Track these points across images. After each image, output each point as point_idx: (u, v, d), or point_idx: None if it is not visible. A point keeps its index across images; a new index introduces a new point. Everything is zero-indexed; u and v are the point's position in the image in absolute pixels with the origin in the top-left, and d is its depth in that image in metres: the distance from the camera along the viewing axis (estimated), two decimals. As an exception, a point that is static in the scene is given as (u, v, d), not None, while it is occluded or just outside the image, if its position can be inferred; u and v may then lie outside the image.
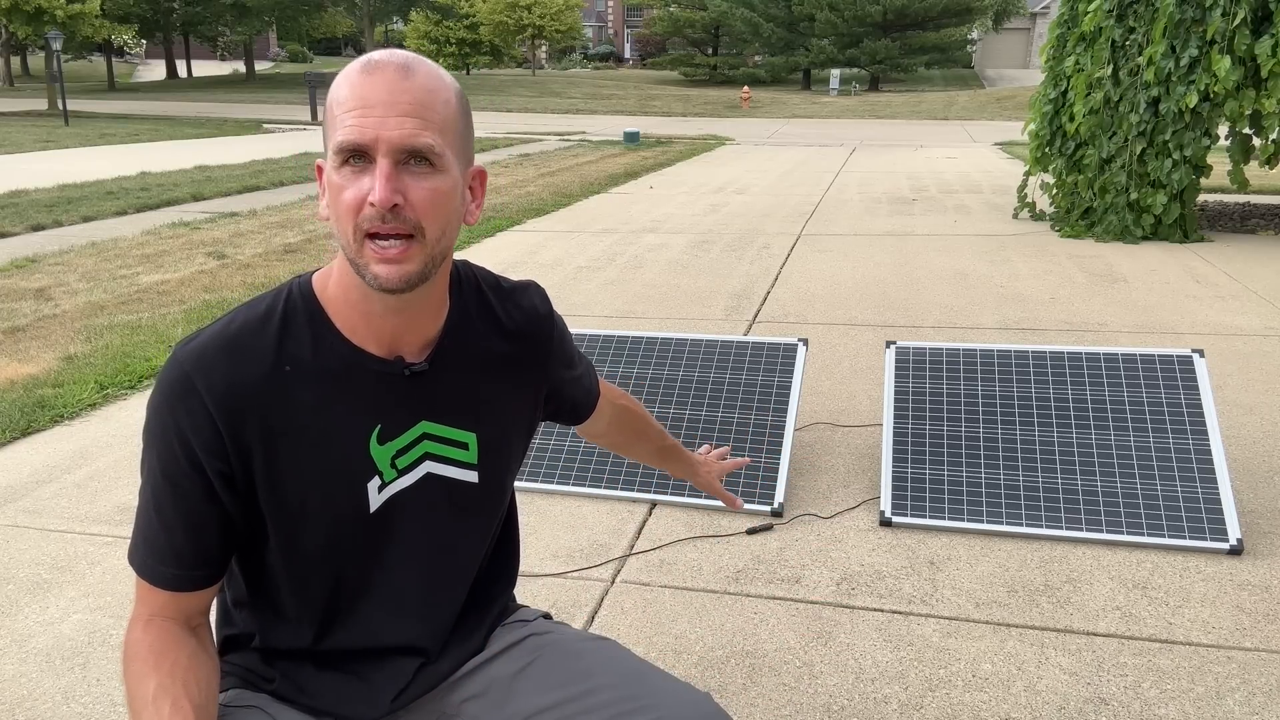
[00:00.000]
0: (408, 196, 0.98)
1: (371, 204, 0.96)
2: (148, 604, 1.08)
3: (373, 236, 0.98)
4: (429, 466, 1.14)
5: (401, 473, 1.12)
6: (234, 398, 1.03)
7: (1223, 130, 7.31)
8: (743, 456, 1.50)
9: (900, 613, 2.36)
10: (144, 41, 50.18)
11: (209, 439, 1.03)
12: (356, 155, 0.98)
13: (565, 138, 19.79)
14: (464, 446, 1.16)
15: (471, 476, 1.18)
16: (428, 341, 1.12)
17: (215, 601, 1.19)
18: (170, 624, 1.07)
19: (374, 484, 1.11)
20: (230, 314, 1.08)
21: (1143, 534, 2.63)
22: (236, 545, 1.11)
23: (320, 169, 1.06)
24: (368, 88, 0.98)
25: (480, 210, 1.11)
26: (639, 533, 2.78)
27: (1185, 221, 7.36)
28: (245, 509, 1.08)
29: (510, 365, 1.20)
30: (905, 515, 2.79)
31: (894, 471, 2.89)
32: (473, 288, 1.19)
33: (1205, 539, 2.59)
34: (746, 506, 2.87)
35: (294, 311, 1.08)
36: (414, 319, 1.09)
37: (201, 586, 1.08)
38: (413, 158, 0.99)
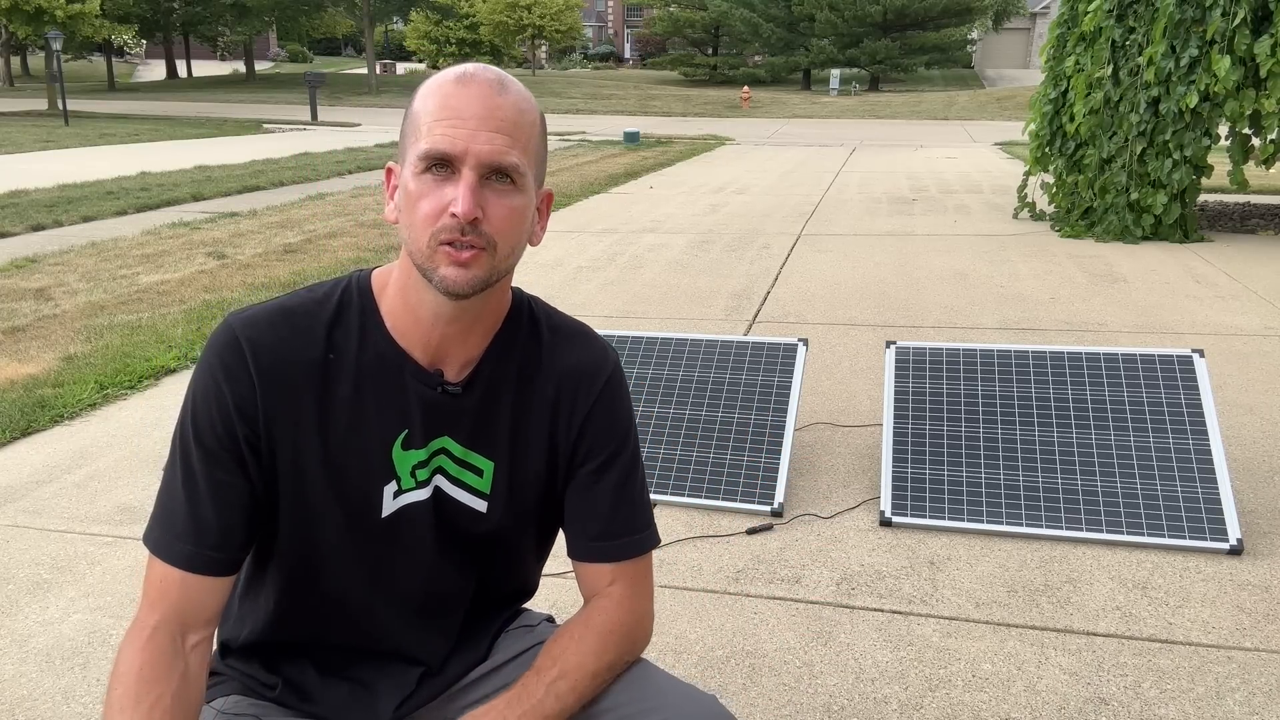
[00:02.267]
0: (487, 212, 0.99)
1: (454, 215, 0.97)
2: (153, 604, 1.04)
3: (448, 243, 0.99)
4: (439, 482, 1.13)
5: (419, 485, 1.12)
6: (275, 367, 1.05)
7: (1223, 130, 7.31)
8: None
9: (900, 613, 2.36)
10: (144, 41, 50.17)
11: (245, 397, 1.04)
12: (441, 164, 0.98)
13: (565, 138, 19.78)
14: (479, 473, 1.14)
15: (479, 505, 1.15)
16: (469, 360, 1.11)
17: None
18: (167, 643, 1.02)
19: (390, 488, 1.11)
20: (291, 293, 1.10)
21: (1143, 534, 2.63)
22: (255, 536, 1.09)
23: (391, 171, 1.07)
24: (461, 99, 0.98)
25: (544, 233, 1.11)
26: (639, 533, 2.78)
27: (1185, 221, 7.36)
28: (265, 489, 1.08)
29: (541, 408, 1.16)
30: (905, 515, 2.79)
31: (894, 471, 2.89)
32: (529, 320, 1.17)
33: (1205, 539, 2.59)
34: (746, 506, 2.87)
35: (349, 303, 1.10)
36: (462, 332, 1.09)
37: (213, 572, 1.05)
38: (496, 174, 0.99)
